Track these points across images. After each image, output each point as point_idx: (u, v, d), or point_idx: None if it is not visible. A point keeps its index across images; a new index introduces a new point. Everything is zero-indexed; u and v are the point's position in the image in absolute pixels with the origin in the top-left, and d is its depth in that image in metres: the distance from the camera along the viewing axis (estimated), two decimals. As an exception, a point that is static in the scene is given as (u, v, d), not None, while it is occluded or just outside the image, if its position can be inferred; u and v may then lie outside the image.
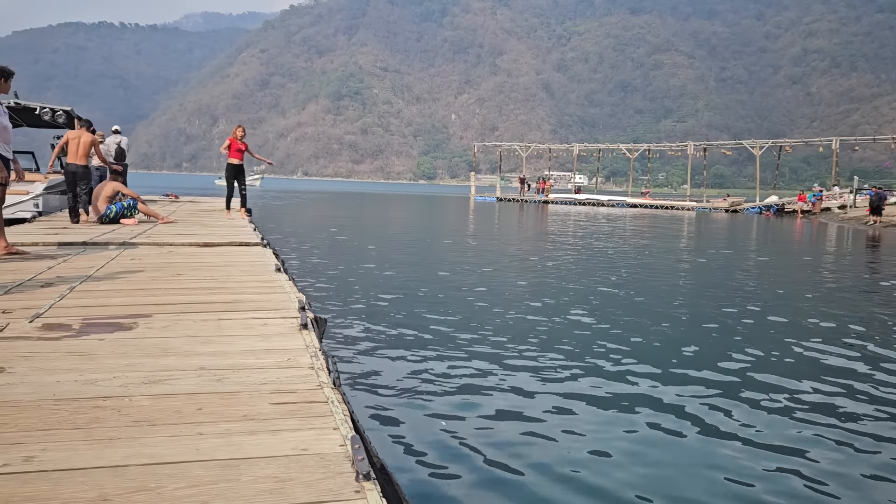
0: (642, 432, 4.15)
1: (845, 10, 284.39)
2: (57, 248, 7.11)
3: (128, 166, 15.53)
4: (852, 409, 4.64)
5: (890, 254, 17.77)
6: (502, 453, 3.74)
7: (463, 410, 4.42)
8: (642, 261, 13.73)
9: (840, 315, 8.06)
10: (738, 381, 5.24)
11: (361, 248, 14.93)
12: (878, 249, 18.83)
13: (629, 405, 4.63)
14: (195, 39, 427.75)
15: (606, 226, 25.42)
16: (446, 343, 6.18)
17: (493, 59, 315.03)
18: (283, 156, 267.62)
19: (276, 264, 6.18)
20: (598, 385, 5.05)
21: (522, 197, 51.48)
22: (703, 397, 4.82)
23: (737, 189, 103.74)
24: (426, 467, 3.55)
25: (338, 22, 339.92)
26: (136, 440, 2.09)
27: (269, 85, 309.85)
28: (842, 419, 4.44)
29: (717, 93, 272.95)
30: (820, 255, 16.98)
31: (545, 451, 3.81)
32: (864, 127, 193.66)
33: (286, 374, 2.82)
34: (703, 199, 50.24)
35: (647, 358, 5.82)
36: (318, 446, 2.09)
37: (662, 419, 4.36)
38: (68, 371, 2.77)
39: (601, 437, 4.05)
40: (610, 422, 4.32)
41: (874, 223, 29.62)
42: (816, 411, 4.59)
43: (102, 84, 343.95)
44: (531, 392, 4.83)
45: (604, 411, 4.50)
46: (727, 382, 5.20)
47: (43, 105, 15.27)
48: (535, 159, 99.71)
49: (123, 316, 3.85)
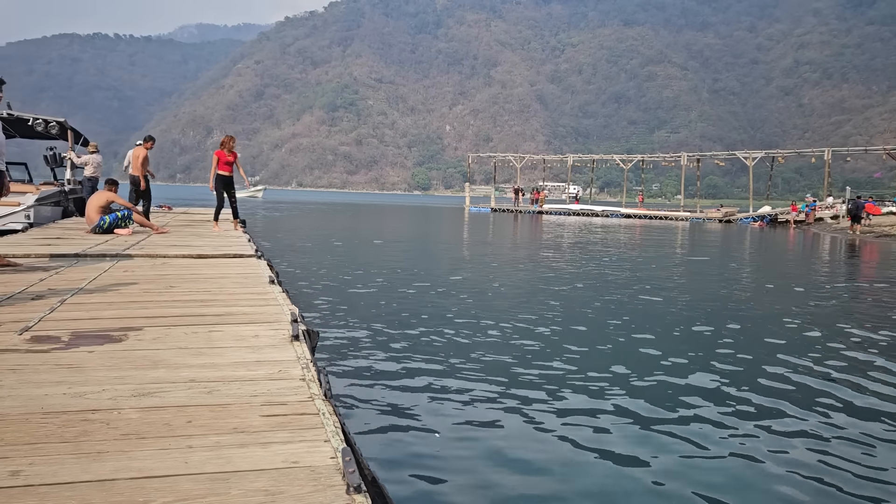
0: (641, 448, 4.13)
1: (836, 22, 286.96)
2: (49, 259, 7.07)
3: None
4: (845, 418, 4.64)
5: (878, 262, 17.85)
6: (496, 466, 3.73)
7: (456, 422, 4.39)
8: (636, 274, 13.74)
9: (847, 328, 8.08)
10: (730, 393, 5.24)
11: (356, 260, 14.91)
12: (861, 257, 18.90)
13: (625, 421, 4.61)
14: (190, 51, 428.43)
15: (601, 236, 25.48)
16: (439, 355, 6.16)
17: (488, 70, 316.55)
18: (278, 167, 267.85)
19: (269, 276, 6.15)
20: (592, 398, 5.04)
21: (517, 207, 51.59)
22: (696, 407, 4.82)
23: (730, 199, 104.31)
24: (418, 479, 3.53)
25: (333, 33, 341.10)
26: (125, 454, 2.07)
27: (263, 96, 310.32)
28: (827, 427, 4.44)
29: (709, 104, 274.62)
30: (821, 265, 17.04)
31: (540, 464, 3.80)
32: (855, 138, 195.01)
33: (277, 386, 2.81)
34: (697, 210, 50.42)
35: (643, 371, 5.82)
36: (309, 459, 2.07)
37: (666, 435, 4.35)
38: (57, 384, 2.75)
39: (596, 449, 4.03)
40: (605, 436, 4.30)
41: (853, 231, 30.74)
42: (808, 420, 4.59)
43: (97, 95, 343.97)
44: (525, 404, 4.81)
45: (599, 425, 4.49)
46: (712, 391, 5.20)
47: (36, 116, 15.27)
48: (530, 170, 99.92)
49: (114, 328, 3.83)
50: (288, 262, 13.02)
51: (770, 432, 4.37)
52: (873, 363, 6.21)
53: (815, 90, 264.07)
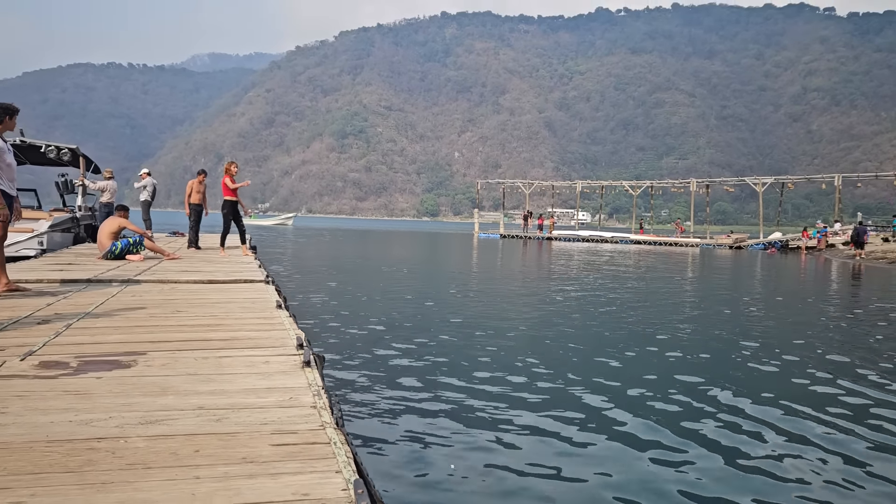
0: (650, 468, 4.02)
1: (843, 49, 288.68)
2: (60, 284, 7.05)
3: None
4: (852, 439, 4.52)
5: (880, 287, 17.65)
6: (513, 495, 3.62)
7: (471, 451, 4.29)
8: (648, 306, 13.63)
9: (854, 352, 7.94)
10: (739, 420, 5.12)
11: (364, 284, 14.85)
12: (864, 283, 18.68)
13: (638, 444, 4.50)
14: (202, 79, 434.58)
15: (611, 264, 25.34)
16: (452, 381, 6.05)
17: (496, 97, 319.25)
18: (288, 193, 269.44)
19: (277, 301, 6.10)
20: (612, 424, 4.93)
21: (526, 233, 51.54)
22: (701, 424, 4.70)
23: (740, 225, 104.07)
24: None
25: (343, 62, 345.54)
26: (130, 484, 2.00)
27: (274, 123, 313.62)
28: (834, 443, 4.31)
29: (718, 131, 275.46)
30: (838, 293, 16.86)
31: (558, 496, 3.69)
32: (865, 164, 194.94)
33: (287, 414, 2.73)
34: (707, 236, 50.19)
35: (649, 395, 5.71)
36: (320, 491, 1.99)
37: (668, 454, 4.24)
38: (63, 411, 2.69)
39: (616, 475, 3.92)
40: (622, 461, 4.19)
41: (857, 256, 31.32)
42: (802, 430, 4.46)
43: (109, 123, 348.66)
44: (541, 431, 4.70)
45: (618, 449, 4.38)
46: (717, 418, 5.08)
47: (48, 143, 15.40)
48: (538, 196, 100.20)
49: (121, 353, 3.77)
50: (294, 286, 12.99)
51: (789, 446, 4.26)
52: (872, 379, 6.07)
53: (823, 116, 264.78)
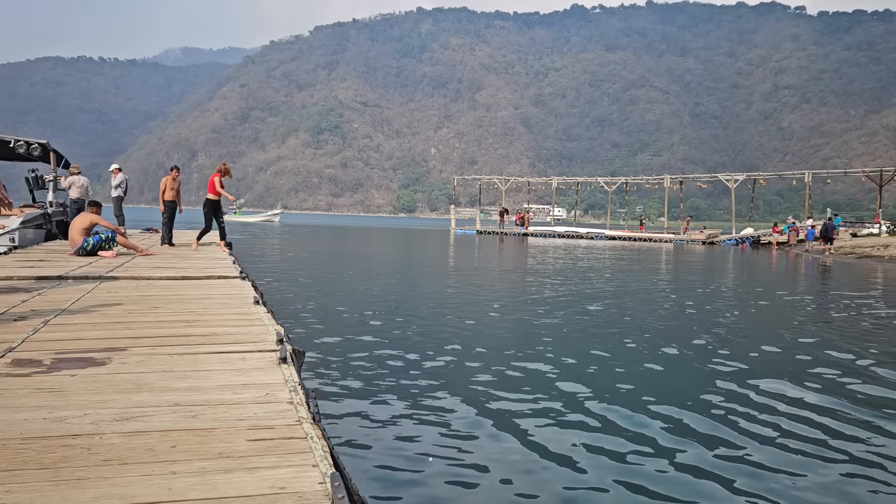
0: (637, 467, 4.09)
1: (814, 47, 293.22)
2: (33, 281, 6.96)
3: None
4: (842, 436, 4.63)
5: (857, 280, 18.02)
6: (489, 489, 3.67)
7: (447, 444, 4.33)
8: (623, 298, 13.77)
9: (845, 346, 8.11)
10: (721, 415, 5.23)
11: (341, 280, 14.82)
12: (834, 277, 19.08)
13: (622, 440, 4.57)
14: (175, 74, 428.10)
15: (586, 259, 25.55)
16: (429, 375, 6.09)
17: (472, 94, 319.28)
18: (263, 189, 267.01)
19: (254, 297, 6.09)
20: (582, 418, 4.99)
21: (502, 230, 51.73)
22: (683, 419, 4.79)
23: (713, 221, 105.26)
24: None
25: (318, 57, 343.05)
26: (106, 480, 2.00)
27: (248, 119, 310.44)
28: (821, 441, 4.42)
29: (691, 127, 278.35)
30: (806, 285, 17.17)
31: (534, 486, 3.74)
32: (834, 160, 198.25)
33: (264, 410, 2.75)
34: (681, 232, 50.78)
35: (633, 393, 5.80)
36: (297, 484, 2.02)
37: (659, 456, 4.31)
38: (37, 408, 2.68)
39: (585, 468, 3.98)
40: (598, 455, 4.25)
41: (827, 251, 31.98)
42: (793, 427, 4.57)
43: (80, 118, 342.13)
44: (518, 425, 4.75)
45: (588, 442, 4.44)
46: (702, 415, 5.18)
47: (17, 138, 15.14)
48: (515, 192, 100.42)
49: (97, 350, 3.75)
50: (270, 281, 12.93)
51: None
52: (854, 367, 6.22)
53: (794, 114, 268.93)
